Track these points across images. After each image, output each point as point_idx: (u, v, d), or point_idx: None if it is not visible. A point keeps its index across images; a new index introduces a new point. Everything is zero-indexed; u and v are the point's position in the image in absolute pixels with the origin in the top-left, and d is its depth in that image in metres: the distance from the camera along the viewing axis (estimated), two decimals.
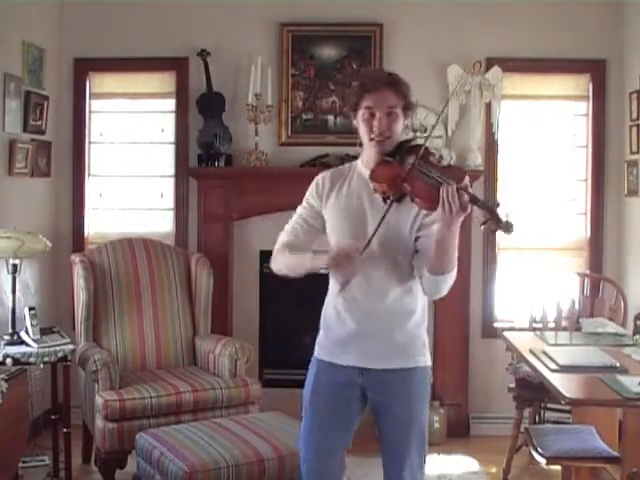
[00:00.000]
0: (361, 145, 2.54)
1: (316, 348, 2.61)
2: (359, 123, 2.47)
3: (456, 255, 2.33)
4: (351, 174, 2.54)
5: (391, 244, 2.43)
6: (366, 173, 2.47)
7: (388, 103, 2.41)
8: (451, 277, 2.37)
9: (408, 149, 2.43)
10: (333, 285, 2.55)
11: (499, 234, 2.29)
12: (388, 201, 2.38)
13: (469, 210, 2.22)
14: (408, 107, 2.47)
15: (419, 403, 2.51)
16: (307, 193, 2.60)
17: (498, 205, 2.23)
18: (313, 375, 2.58)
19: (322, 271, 2.44)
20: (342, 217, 2.49)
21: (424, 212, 2.40)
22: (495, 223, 2.20)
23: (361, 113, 2.45)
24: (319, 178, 2.58)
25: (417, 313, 2.51)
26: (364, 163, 2.52)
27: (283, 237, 2.60)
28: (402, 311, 2.48)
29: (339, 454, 2.59)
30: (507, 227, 2.21)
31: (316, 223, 2.56)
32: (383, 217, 2.36)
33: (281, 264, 2.56)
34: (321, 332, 2.60)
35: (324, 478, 2.57)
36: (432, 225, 2.37)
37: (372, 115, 2.42)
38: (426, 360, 2.54)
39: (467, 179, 2.28)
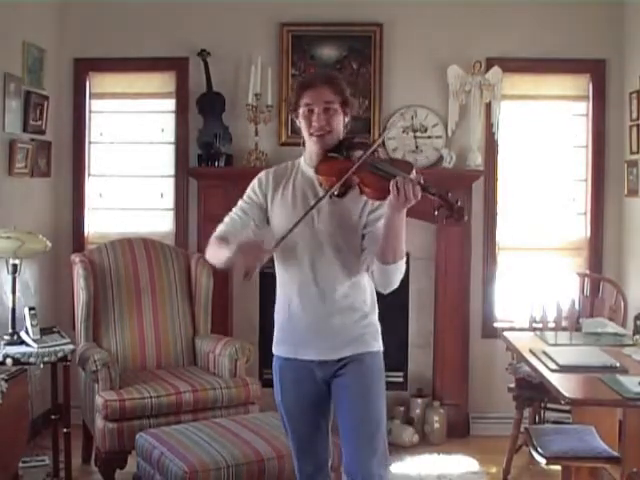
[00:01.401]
0: (304, 145, 2.59)
1: (274, 346, 2.67)
2: (300, 120, 2.54)
3: (404, 243, 2.39)
4: (294, 173, 2.60)
5: (338, 239, 2.49)
6: (310, 171, 2.54)
7: (325, 98, 2.48)
8: (402, 265, 2.43)
9: (353, 145, 2.50)
10: (280, 282, 2.61)
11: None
12: (332, 197, 2.43)
13: (419, 197, 2.26)
14: (346, 103, 2.53)
15: (374, 383, 2.56)
16: (248, 189, 2.66)
17: (448, 192, 2.28)
18: (277, 372, 2.65)
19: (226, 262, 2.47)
20: (287, 215, 2.51)
21: (369, 208, 2.47)
22: (447, 209, 2.26)
23: (301, 111, 2.52)
24: (262, 174, 2.64)
25: (367, 304, 2.58)
26: (307, 161, 2.58)
27: (219, 227, 2.65)
28: (352, 305, 2.54)
29: (323, 459, 2.67)
30: (459, 212, 2.26)
31: (255, 216, 2.60)
32: (312, 207, 2.41)
33: (210, 251, 2.60)
34: (275, 329, 2.67)
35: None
36: (377, 222, 2.45)
37: (311, 111, 2.50)
38: (379, 345, 2.61)
39: (414, 172, 2.35)
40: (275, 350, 2.67)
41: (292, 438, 2.68)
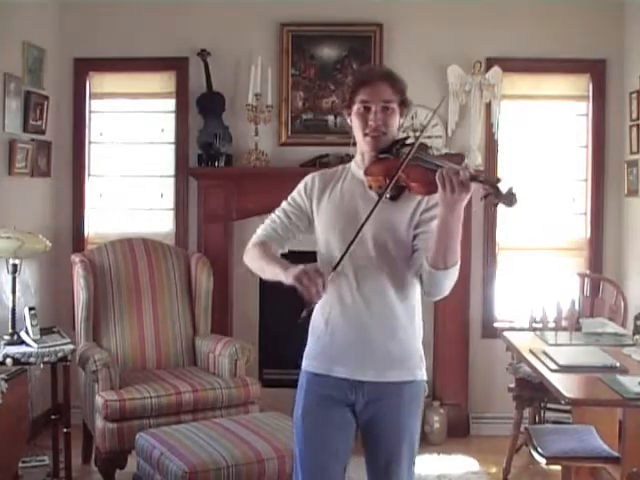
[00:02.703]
0: (354, 145, 2.42)
1: (304, 361, 2.43)
2: (353, 118, 2.35)
3: (459, 247, 2.18)
4: (344, 176, 2.42)
5: (387, 245, 2.29)
6: (359, 172, 2.36)
7: (384, 97, 2.31)
8: (454, 272, 2.21)
9: (403, 144, 2.33)
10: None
11: (503, 208, 2.18)
12: (385, 199, 2.24)
13: (471, 189, 2.08)
14: (404, 103, 2.37)
15: (411, 418, 2.35)
16: (294, 192, 2.48)
17: (499, 180, 2.13)
18: (303, 390, 2.39)
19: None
20: (334, 218, 2.35)
21: (423, 207, 2.30)
22: (496, 196, 2.09)
23: (356, 108, 2.33)
24: (308, 178, 2.47)
25: (414, 323, 2.37)
26: (358, 164, 2.40)
27: (260, 231, 2.47)
28: (397, 320, 2.32)
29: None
30: (510, 198, 2.09)
31: (298, 221, 2.43)
32: (372, 211, 2.21)
33: (251, 260, 2.42)
34: (309, 342, 2.42)
35: None
36: (431, 222, 2.25)
37: (367, 109, 2.31)
38: (423, 374, 2.38)
39: (466, 161, 2.21)
40: (305, 365, 2.41)
41: (303, 464, 2.36)
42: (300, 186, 2.47)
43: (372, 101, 2.31)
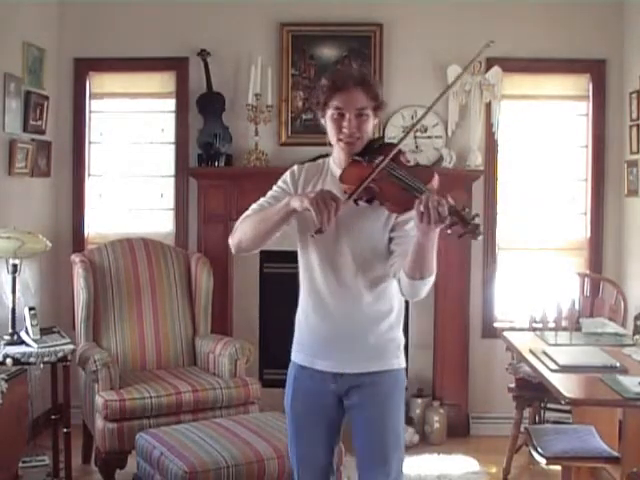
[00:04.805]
0: (330, 144, 2.46)
1: (292, 352, 2.55)
2: (327, 122, 2.39)
3: (435, 260, 2.23)
4: (325, 172, 2.46)
5: (364, 246, 2.36)
6: (337, 173, 2.40)
7: (358, 105, 2.33)
8: (431, 280, 2.27)
9: (377, 148, 2.35)
10: (303, 287, 2.49)
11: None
12: (360, 202, 2.28)
13: (448, 221, 2.09)
14: (379, 107, 2.38)
15: (392, 406, 2.44)
16: (279, 182, 2.51)
17: (465, 208, 2.12)
18: (292, 378, 2.54)
19: (287, 224, 2.35)
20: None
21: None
22: (463, 228, 2.10)
23: (330, 113, 2.36)
24: (295, 168, 2.51)
25: (392, 315, 2.44)
26: (335, 161, 2.45)
27: (249, 212, 2.49)
28: (376, 314, 2.40)
29: (324, 473, 2.52)
30: (475, 231, 2.12)
31: None
32: (355, 190, 2.24)
33: (243, 229, 2.43)
34: (295, 335, 2.54)
35: None
36: (405, 225, 2.32)
37: (341, 116, 2.34)
38: (400, 362, 2.47)
39: (436, 178, 2.23)
40: (293, 356, 2.55)
41: (294, 451, 2.54)
42: (287, 175, 2.51)
43: (346, 108, 2.33)
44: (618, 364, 3.10)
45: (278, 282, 4.79)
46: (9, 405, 3.36)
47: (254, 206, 2.50)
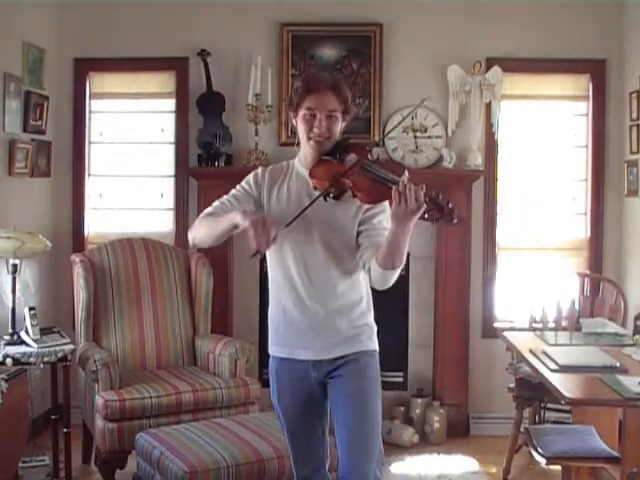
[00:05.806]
0: (298, 145, 2.58)
1: (270, 347, 2.70)
2: (298, 122, 2.53)
3: (406, 250, 2.34)
4: (289, 173, 2.59)
5: (333, 241, 2.49)
6: (304, 172, 2.53)
7: (329, 107, 2.48)
8: (399, 270, 2.41)
9: (348, 147, 2.49)
10: (274, 282, 2.64)
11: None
12: (328, 198, 2.43)
13: (425, 207, 2.19)
14: (347, 111, 2.53)
15: (369, 384, 2.54)
16: (242, 182, 2.64)
17: (439, 194, 2.21)
18: (275, 374, 2.69)
19: (235, 231, 2.47)
20: (282, 217, 2.46)
21: (365, 206, 2.45)
22: (438, 212, 2.19)
23: (302, 113, 2.50)
24: (259, 170, 2.63)
25: (362, 303, 2.57)
26: (302, 162, 2.57)
27: (209, 209, 2.62)
28: (348, 304, 2.54)
29: (320, 460, 2.66)
30: (450, 216, 2.20)
31: (247, 205, 2.56)
32: (310, 204, 2.40)
33: (199, 227, 2.59)
34: (270, 330, 2.70)
35: None
36: (373, 219, 2.46)
37: (313, 116, 2.48)
38: (374, 345, 2.60)
39: (407, 174, 2.33)
40: (271, 350, 2.69)
41: (289, 440, 2.68)
42: (250, 176, 2.64)
43: (318, 109, 2.48)
44: (618, 364, 3.10)
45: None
46: (9, 405, 3.35)
47: (216, 203, 2.63)
